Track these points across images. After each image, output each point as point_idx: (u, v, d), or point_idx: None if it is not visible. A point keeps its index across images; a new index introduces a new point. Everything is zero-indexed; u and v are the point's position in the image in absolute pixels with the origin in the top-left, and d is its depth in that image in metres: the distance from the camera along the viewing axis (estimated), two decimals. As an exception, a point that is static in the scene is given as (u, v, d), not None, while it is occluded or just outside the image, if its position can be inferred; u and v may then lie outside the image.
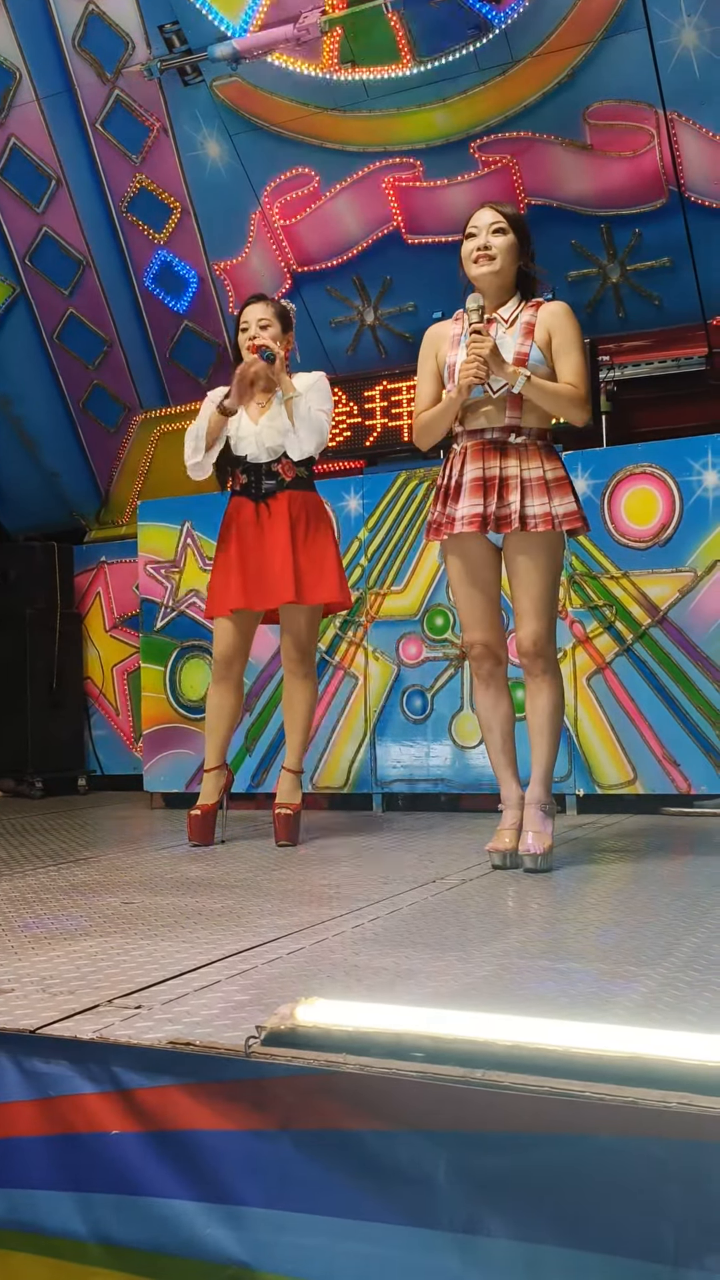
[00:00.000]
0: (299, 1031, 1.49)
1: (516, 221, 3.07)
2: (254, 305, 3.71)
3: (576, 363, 3.02)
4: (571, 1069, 1.34)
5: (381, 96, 4.85)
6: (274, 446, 3.66)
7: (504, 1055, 1.38)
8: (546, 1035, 1.41)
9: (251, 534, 3.65)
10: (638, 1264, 1.31)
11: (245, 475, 3.70)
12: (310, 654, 3.71)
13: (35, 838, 4.10)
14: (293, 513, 3.63)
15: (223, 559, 3.69)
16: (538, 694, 3.03)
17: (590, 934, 2.30)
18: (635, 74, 4.49)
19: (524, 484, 2.98)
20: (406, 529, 4.54)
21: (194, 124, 5.23)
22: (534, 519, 2.97)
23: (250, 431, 3.68)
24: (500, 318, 3.06)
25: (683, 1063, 1.32)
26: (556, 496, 2.99)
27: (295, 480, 3.68)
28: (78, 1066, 1.59)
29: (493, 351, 2.94)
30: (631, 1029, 1.45)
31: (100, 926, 2.44)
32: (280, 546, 3.60)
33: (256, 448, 3.67)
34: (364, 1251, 1.42)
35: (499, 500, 2.98)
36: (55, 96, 5.41)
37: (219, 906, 2.64)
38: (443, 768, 4.46)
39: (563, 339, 3.02)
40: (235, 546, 3.66)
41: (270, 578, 3.60)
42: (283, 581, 3.57)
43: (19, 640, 5.70)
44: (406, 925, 2.40)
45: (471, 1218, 1.37)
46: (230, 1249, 1.46)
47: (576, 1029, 1.43)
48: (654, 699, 4.11)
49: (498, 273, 3.03)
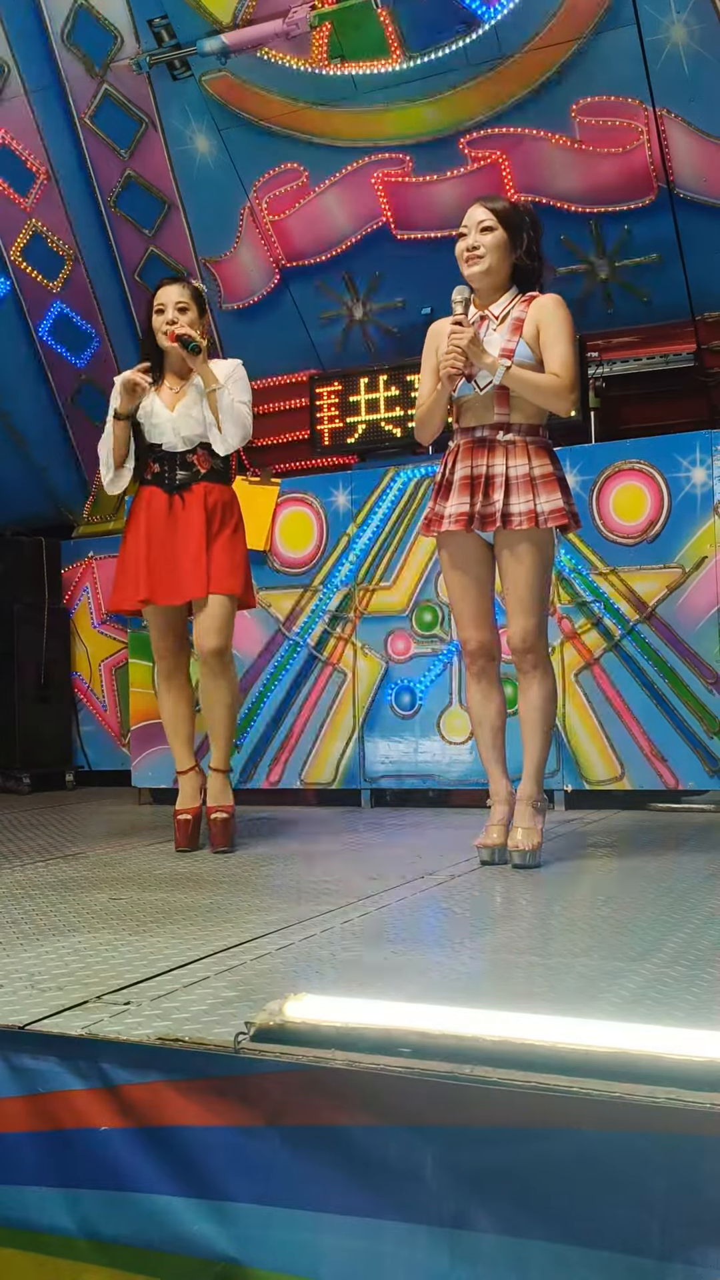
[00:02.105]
0: (288, 1027, 1.49)
1: (507, 216, 3.04)
2: (170, 287, 3.53)
3: (563, 353, 2.98)
4: (559, 1064, 1.35)
5: (371, 91, 4.84)
6: (190, 436, 3.50)
7: (492, 1050, 1.39)
8: (534, 1030, 1.41)
9: (162, 526, 3.48)
10: (624, 1258, 1.32)
11: (159, 464, 3.51)
12: (227, 650, 3.50)
13: (23, 833, 4.09)
14: (208, 506, 3.47)
15: (131, 550, 3.50)
16: (528, 690, 3.04)
17: (578, 929, 2.31)
18: (625, 70, 4.49)
19: (509, 482, 2.98)
20: (395, 525, 4.54)
21: (183, 118, 5.21)
22: (518, 516, 2.96)
23: (165, 419, 3.50)
24: (491, 314, 3.05)
25: (670, 1057, 1.33)
26: (543, 493, 2.98)
27: (210, 472, 3.52)
28: (66, 1063, 1.59)
29: (472, 342, 2.94)
30: (619, 1024, 1.45)
31: (88, 922, 2.44)
32: (194, 540, 3.43)
33: (173, 436, 3.50)
34: (352, 1246, 1.42)
35: (484, 498, 2.99)
36: (43, 91, 5.39)
37: (207, 902, 2.64)
38: (431, 763, 4.46)
39: (550, 330, 2.99)
40: (145, 538, 3.47)
41: (181, 572, 3.44)
42: (194, 576, 3.42)
43: (7, 635, 5.68)
44: (395, 921, 2.41)
45: (459, 1212, 1.38)
46: (219, 1244, 1.46)
47: (564, 1024, 1.44)
48: (642, 695, 4.12)
49: (487, 271, 3.02)
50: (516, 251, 3.04)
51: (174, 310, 3.46)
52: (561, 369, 2.97)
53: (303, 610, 4.68)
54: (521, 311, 3.03)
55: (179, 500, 3.49)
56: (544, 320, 3.00)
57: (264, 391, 5.72)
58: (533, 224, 3.08)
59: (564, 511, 2.99)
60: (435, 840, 3.66)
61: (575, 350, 3.03)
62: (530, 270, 3.08)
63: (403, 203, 5.07)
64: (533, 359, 3.00)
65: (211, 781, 3.56)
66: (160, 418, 3.50)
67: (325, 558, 4.65)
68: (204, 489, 3.49)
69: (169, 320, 3.45)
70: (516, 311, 3.04)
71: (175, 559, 3.46)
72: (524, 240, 3.05)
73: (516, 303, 3.05)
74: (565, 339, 3.00)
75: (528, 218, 3.08)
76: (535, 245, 3.08)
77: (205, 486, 3.50)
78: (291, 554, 4.72)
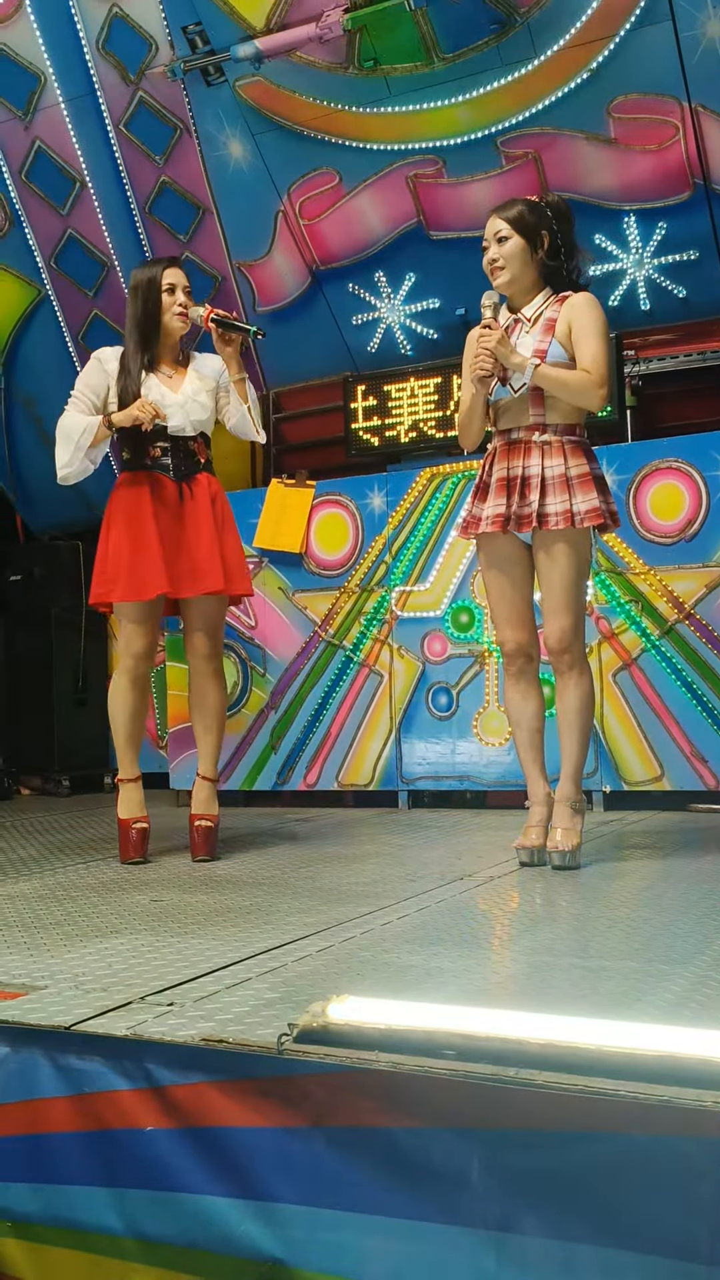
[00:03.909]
0: (331, 1029, 1.50)
1: (521, 221, 2.99)
2: (177, 269, 3.38)
3: (594, 349, 2.95)
4: (605, 1068, 1.34)
5: (404, 94, 4.85)
6: (197, 421, 3.36)
7: (537, 1054, 1.38)
8: (580, 1033, 1.41)
9: (169, 515, 3.30)
10: (673, 1263, 1.31)
11: (163, 450, 3.32)
12: (221, 649, 3.43)
13: (63, 835, 4.12)
14: (212, 497, 3.36)
15: (137, 539, 3.26)
16: (565, 690, 3.02)
17: (619, 932, 2.30)
18: (660, 67, 4.46)
19: (545, 482, 2.96)
20: (431, 526, 4.53)
21: (217, 124, 5.24)
22: (554, 516, 2.95)
23: (175, 402, 3.32)
24: (525, 317, 3.04)
25: (717, 1061, 1.32)
26: (580, 493, 2.96)
27: (208, 463, 3.41)
28: (111, 1063, 1.60)
29: (500, 342, 2.93)
30: (665, 1027, 1.44)
31: (130, 924, 2.45)
32: (207, 532, 3.30)
33: (183, 419, 3.33)
34: (398, 1249, 1.42)
35: (520, 499, 2.98)
36: (79, 99, 5.44)
37: (247, 904, 2.65)
38: (469, 764, 4.45)
39: (581, 326, 2.96)
40: (153, 527, 3.25)
41: (198, 564, 3.28)
42: (211, 570, 3.28)
43: (45, 639, 5.74)
44: (435, 923, 2.40)
45: (506, 1215, 1.37)
46: (264, 1245, 1.47)
47: (609, 1027, 1.43)
48: (681, 695, 4.09)
49: (511, 281, 3.02)
50: (537, 254, 3.01)
51: (184, 293, 3.34)
52: (591, 365, 2.94)
53: (339, 612, 4.69)
54: (554, 312, 3.02)
55: (187, 490, 3.34)
56: (575, 318, 2.98)
57: (298, 394, 5.75)
58: (557, 218, 3.03)
59: (600, 511, 2.97)
60: (474, 842, 3.65)
61: (608, 347, 3.00)
62: (557, 269, 3.04)
63: (436, 203, 5.07)
64: (566, 358, 2.98)
65: (200, 789, 3.42)
66: (169, 400, 3.32)
67: (361, 559, 4.66)
68: (206, 479, 3.39)
69: (183, 304, 3.33)
70: (549, 312, 3.02)
71: (188, 550, 3.30)
72: (543, 240, 3.00)
73: (550, 303, 3.04)
74: (595, 335, 2.96)
75: (548, 213, 3.02)
76: (562, 239, 3.02)
77: (207, 477, 3.40)
78: (327, 556, 4.73)
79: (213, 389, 3.42)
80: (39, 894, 2.87)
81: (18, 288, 6.02)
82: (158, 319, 3.35)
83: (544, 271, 3.04)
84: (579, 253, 3.10)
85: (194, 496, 3.34)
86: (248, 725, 4.82)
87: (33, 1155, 1.61)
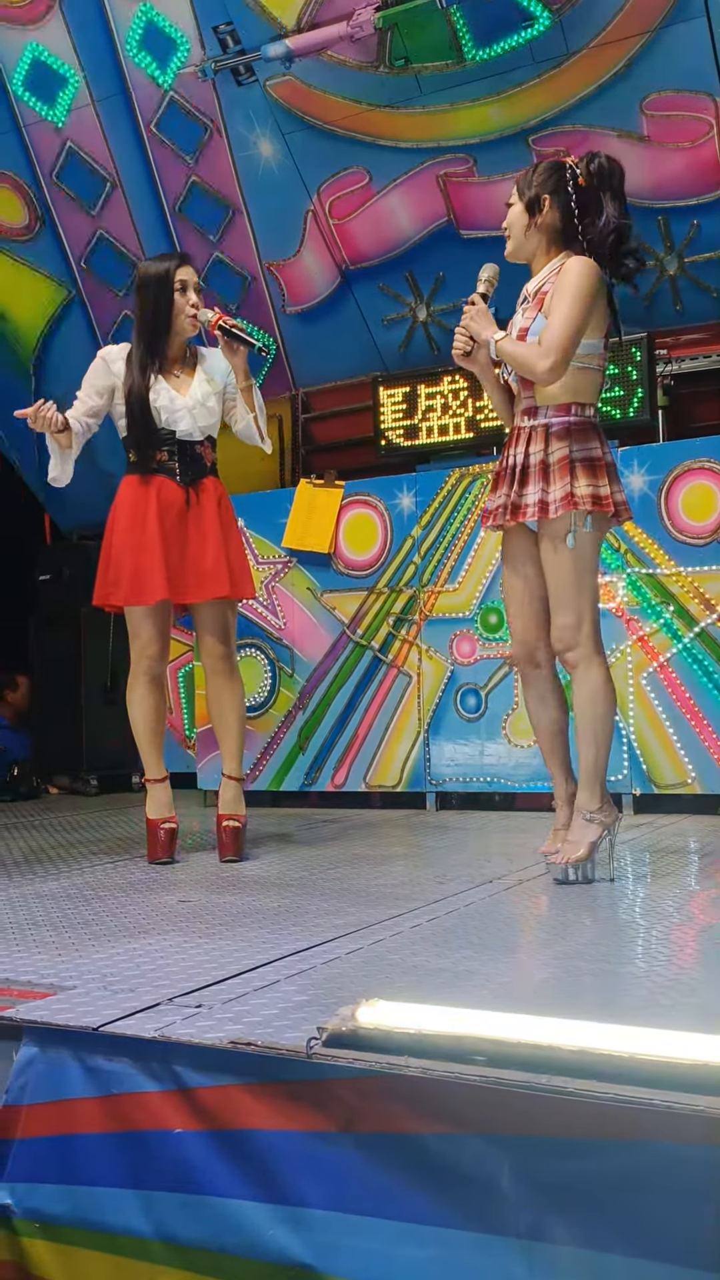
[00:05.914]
0: (360, 1033, 1.48)
1: (525, 184, 2.80)
2: (188, 266, 3.31)
3: (559, 315, 2.66)
4: (640, 1076, 1.32)
5: (435, 92, 4.83)
6: (205, 426, 3.33)
7: (570, 1060, 1.36)
8: (613, 1040, 1.39)
9: (174, 519, 3.28)
10: (706, 1275, 1.29)
11: (169, 454, 3.30)
12: (233, 649, 3.41)
13: (91, 834, 4.13)
14: (217, 500, 3.35)
15: (139, 542, 3.25)
16: (575, 692, 2.82)
17: (651, 937, 2.27)
18: (693, 63, 4.43)
19: (527, 470, 2.80)
20: (460, 527, 4.51)
21: (247, 124, 5.24)
22: (530, 507, 2.75)
23: (183, 405, 3.30)
24: (527, 292, 2.85)
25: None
26: (557, 480, 2.71)
27: (214, 465, 3.39)
28: (140, 1064, 1.59)
29: (475, 318, 2.77)
30: (698, 1035, 1.42)
31: (158, 924, 2.45)
32: (213, 537, 3.29)
33: (190, 424, 3.30)
34: (427, 1255, 1.41)
35: (509, 489, 2.83)
36: (110, 99, 5.46)
37: (275, 905, 2.64)
38: (497, 766, 4.43)
39: (555, 293, 2.70)
40: (157, 531, 3.24)
41: (204, 569, 3.27)
42: (217, 574, 3.27)
43: (73, 639, 5.76)
44: (464, 926, 2.39)
45: (536, 1223, 1.36)
46: (293, 1250, 1.46)
47: (643, 1035, 1.41)
48: (712, 697, 4.05)
49: (516, 250, 2.85)
50: (534, 217, 2.78)
51: (195, 294, 3.28)
52: (551, 332, 2.66)
53: (367, 612, 4.68)
54: (552, 283, 2.76)
55: (193, 494, 3.31)
56: (556, 286, 2.72)
57: (327, 394, 5.74)
58: (564, 177, 2.76)
59: (573, 497, 2.69)
60: (502, 844, 3.63)
61: (579, 313, 2.67)
62: (565, 230, 2.77)
63: (467, 202, 5.05)
64: None
65: (227, 789, 3.40)
66: (178, 404, 3.29)
67: (390, 560, 4.64)
68: (212, 483, 3.36)
69: (194, 304, 3.26)
70: (547, 285, 2.76)
71: (193, 555, 3.28)
72: (543, 203, 2.76)
73: (551, 275, 2.77)
74: (565, 300, 2.67)
75: (553, 175, 2.78)
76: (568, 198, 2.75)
77: (213, 481, 3.37)
78: (356, 556, 4.72)
79: (220, 392, 3.39)
80: (67, 893, 2.87)
81: (48, 288, 6.05)
82: (168, 320, 3.28)
83: (554, 237, 2.79)
84: (606, 215, 2.75)
85: (199, 501, 3.33)
86: (275, 725, 4.82)
87: (61, 1156, 1.61)
